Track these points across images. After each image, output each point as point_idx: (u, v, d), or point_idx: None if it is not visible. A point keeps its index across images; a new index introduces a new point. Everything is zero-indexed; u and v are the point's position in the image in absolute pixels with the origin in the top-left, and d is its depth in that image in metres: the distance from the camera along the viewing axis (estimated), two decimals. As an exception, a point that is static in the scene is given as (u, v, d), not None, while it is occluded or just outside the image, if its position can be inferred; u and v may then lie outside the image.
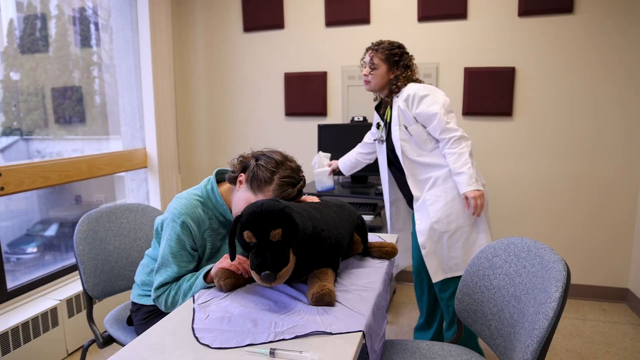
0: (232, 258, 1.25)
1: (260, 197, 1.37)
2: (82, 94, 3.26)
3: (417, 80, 2.14)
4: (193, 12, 3.57)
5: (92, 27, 3.34)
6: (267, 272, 1.10)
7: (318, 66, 3.35)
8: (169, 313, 1.41)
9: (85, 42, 3.30)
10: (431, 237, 2.04)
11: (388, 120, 2.17)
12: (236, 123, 3.61)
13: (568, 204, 3.02)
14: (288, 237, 1.13)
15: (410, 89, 2.06)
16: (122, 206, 1.91)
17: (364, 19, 3.18)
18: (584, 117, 2.91)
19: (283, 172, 1.39)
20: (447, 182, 2.04)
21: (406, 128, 2.07)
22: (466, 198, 1.95)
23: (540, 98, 2.97)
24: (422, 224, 2.07)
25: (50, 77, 3.07)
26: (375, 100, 2.34)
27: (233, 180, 1.45)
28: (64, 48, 3.16)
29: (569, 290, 1.13)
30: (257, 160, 1.41)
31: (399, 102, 2.08)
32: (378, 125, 2.28)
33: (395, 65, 2.11)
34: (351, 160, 2.57)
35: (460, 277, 2.03)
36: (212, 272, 1.33)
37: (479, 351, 2.15)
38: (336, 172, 2.64)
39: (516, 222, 3.13)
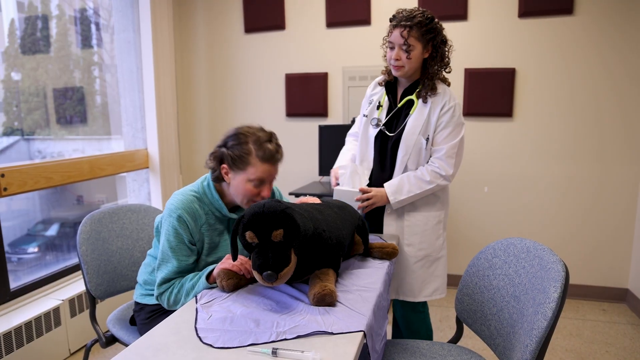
0: (234, 258, 1.27)
1: (252, 170, 1.40)
2: (84, 94, 3.27)
3: (446, 74, 1.87)
4: (194, 13, 3.59)
5: (93, 27, 3.35)
6: (269, 272, 1.12)
7: (319, 67, 3.36)
8: (171, 311, 1.43)
9: (86, 42, 3.31)
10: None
11: (399, 107, 1.86)
12: (237, 123, 3.57)
13: (567, 204, 3.03)
14: (290, 238, 1.15)
15: (448, 96, 1.80)
16: (125, 207, 1.93)
17: (365, 20, 3.19)
18: (584, 117, 2.92)
19: (252, 137, 1.43)
20: (431, 208, 1.87)
21: (427, 140, 1.80)
22: (366, 199, 1.82)
23: (540, 99, 2.98)
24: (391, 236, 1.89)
25: (51, 78, 3.09)
26: (383, 73, 1.96)
27: (220, 177, 1.47)
28: (64, 48, 3.17)
29: (569, 290, 1.14)
30: (225, 145, 1.44)
31: (432, 105, 1.79)
32: (379, 106, 1.93)
33: (430, 42, 1.75)
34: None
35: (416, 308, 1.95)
36: (215, 272, 1.35)
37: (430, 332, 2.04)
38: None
39: (515, 222, 3.14)
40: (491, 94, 3.02)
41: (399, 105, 1.86)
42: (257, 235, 1.14)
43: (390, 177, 1.87)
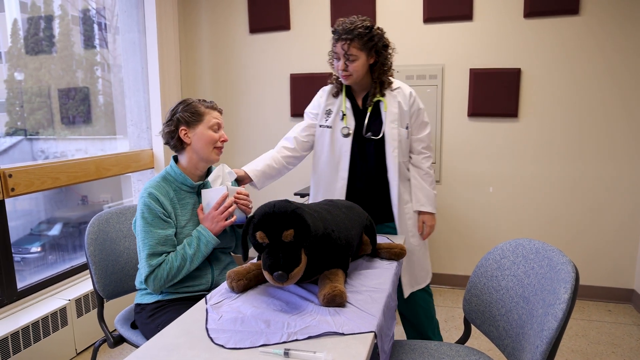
0: (245, 258, 1.27)
1: (207, 118, 1.62)
2: (87, 95, 3.28)
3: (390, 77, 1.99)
4: (199, 13, 3.59)
5: (96, 27, 3.36)
6: (280, 272, 1.12)
7: (324, 67, 3.35)
8: (171, 309, 1.48)
9: (89, 42, 3.32)
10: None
11: (369, 112, 1.94)
12: (242, 124, 3.63)
13: (573, 204, 3.03)
14: (300, 238, 1.15)
15: (406, 86, 1.99)
16: (132, 207, 1.93)
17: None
18: (589, 117, 2.92)
19: (193, 99, 1.65)
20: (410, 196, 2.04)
21: (406, 128, 1.96)
22: (423, 220, 2.02)
23: (545, 99, 2.98)
24: (398, 238, 1.92)
25: (54, 78, 3.09)
26: (332, 82, 2.03)
27: (178, 145, 1.64)
28: (67, 48, 3.18)
29: (578, 292, 1.14)
30: (176, 112, 1.63)
31: (398, 97, 1.94)
32: (343, 116, 1.96)
33: (372, 49, 1.87)
34: (272, 167, 1.97)
35: (423, 289, 2.09)
36: (207, 226, 1.56)
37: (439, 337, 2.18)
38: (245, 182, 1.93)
39: (520, 222, 3.14)
40: (496, 94, 3.02)
41: (369, 109, 1.94)
42: (267, 236, 1.14)
43: (384, 176, 1.95)
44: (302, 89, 3.40)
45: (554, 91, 2.96)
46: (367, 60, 1.87)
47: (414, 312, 2.11)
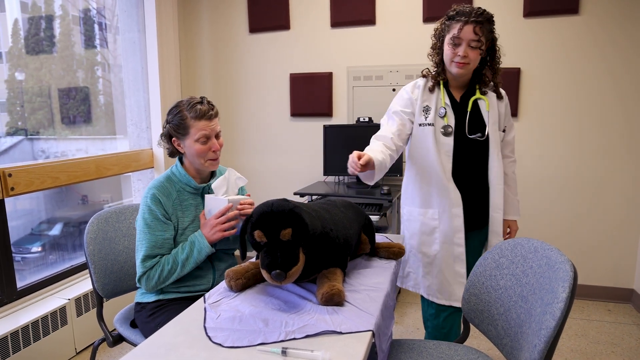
0: (243, 257, 1.28)
1: (193, 131, 1.55)
2: (88, 94, 3.28)
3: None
4: (199, 13, 3.59)
5: (97, 27, 3.36)
6: (278, 271, 1.12)
7: (323, 67, 3.37)
8: (171, 307, 1.49)
9: (89, 42, 3.32)
10: None
11: (469, 110, 1.79)
12: (242, 123, 3.63)
13: (573, 204, 3.03)
14: (298, 237, 1.15)
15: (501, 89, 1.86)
16: (131, 206, 1.93)
17: (370, 20, 3.19)
18: (589, 117, 2.92)
19: (184, 104, 1.57)
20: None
21: (503, 131, 1.84)
22: (509, 226, 1.94)
23: (545, 98, 2.97)
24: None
25: (55, 78, 3.10)
26: (429, 76, 1.85)
27: (176, 152, 1.64)
28: (68, 48, 3.18)
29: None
30: (167, 122, 1.60)
31: (497, 100, 1.83)
32: (444, 112, 1.78)
33: (491, 39, 1.77)
34: (386, 163, 1.68)
35: None
36: (204, 232, 1.54)
37: None
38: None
39: (522, 222, 3.13)
40: (496, 93, 3.01)
41: (469, 107, 1.79)
42: (265, 234, 1.14)
43: (482, 179, 1.82)
44: (302, 89, 3.41)
45: (553, 91, 2.96)
46: (484, 52, 1.75)
47: None
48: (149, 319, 1.57)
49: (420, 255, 1.90)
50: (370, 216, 2.64)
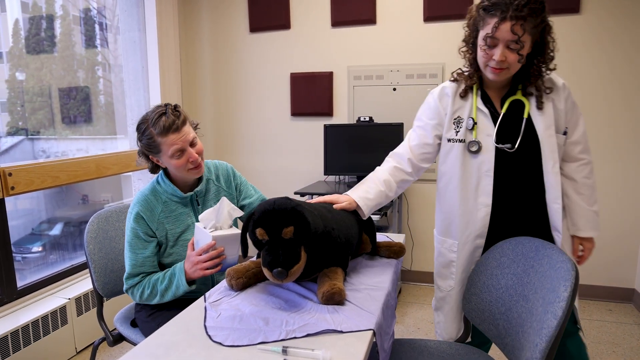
0: (245, 254, 1.27)
1: (164, 148, 1.47)
2: (88, 94, 3.28)
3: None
4: (200, 12, 3.59)
5: (97, 27, 3.36)
6: (279, 269, 1.11)
7: (324, 66, 3.36)
8: (172, 308, 1.51)
9: (90, 42, 3.32)
10: None
11: (502, 112, 1.50)
12: (242, 123, 3.63)
13: (574, 204, 3.02)
14: (300, 235, 1.14)
15: (555, 76, 1.52)
16: (131, 206, 1.93)
17: (370, 20, 3.19)
18: (591, 116, 2.91)
19: (148, 121, 1.47)
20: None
21: (564, 133, 1.51)
22: (580, 243, 1.65)
23: (546, 98, 2.97)
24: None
25: (55, 77, 3.10)
26: (458, 79, 1.56)
27: (156, 168, 1.60)
28: (69, 48, 3.18)
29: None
30: (139, 141, 1.53)
31: (552, 96, 1.49)
32: (473, 125, 1.50)
33: (540, 33, 1.39)
34: (386, 196, 1.58)
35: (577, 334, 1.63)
36: (186, 267, 1.45)
37: None
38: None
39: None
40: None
41: (503, 111, 1.50)
42: (267, 233, 1.14)
43: (537, 198, 1.52)
44: (303, 88, 3.40)
45: (554, 90, 2.95)
46: (529, 48, 1.39)
47: None
48: (149, 318, 1.57)
49: (435, 287, 1.75)
50: (371, 216, 2.64)
